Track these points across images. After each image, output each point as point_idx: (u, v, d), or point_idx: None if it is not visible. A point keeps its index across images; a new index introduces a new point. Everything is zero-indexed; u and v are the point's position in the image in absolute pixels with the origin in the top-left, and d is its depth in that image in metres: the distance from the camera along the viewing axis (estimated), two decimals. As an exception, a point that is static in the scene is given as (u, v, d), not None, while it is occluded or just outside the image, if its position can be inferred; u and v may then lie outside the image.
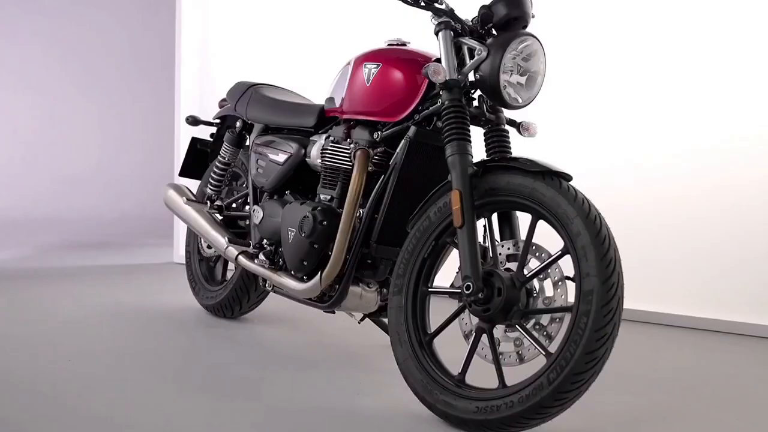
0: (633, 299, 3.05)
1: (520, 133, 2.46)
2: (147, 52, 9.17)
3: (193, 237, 3.64)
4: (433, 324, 2.32)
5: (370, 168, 2.51)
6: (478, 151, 2.33)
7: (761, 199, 3.60)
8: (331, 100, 2.75)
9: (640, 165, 3.87)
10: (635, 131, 3.90)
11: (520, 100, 2.29)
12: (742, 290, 3.64)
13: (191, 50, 5.44)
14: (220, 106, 3.59)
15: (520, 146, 2.52)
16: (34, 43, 9.01)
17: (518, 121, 2.46)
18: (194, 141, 3.71)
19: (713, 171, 3.70)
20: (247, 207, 3.28)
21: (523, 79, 2.27)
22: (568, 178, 2.10)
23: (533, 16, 2.44)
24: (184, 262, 3.85)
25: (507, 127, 2.42)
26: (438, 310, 2.35)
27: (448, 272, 2.35)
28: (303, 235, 2.57)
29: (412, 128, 2.41)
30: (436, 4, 2.35)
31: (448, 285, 2.25)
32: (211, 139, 3.65)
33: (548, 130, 2.67)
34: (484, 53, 2.24)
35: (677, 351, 3.32)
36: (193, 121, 3.56)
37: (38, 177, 8.84)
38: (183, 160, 3.73)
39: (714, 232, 3.70)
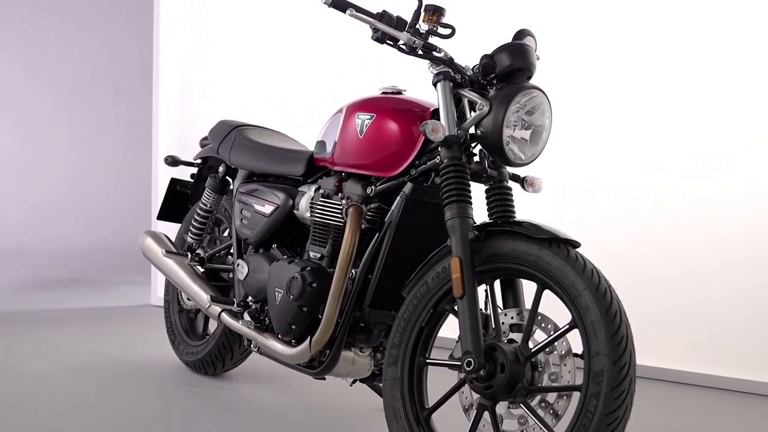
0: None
1: (524, 189, 2.46)
2: (126, 71, 9.16)
3: (172, 286, 3.63)
4: (431, 395, 2.31)
5: (363, 225, 2.51)
6: (479, 205, 2.34)
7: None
8: (321, 146, 2.75)
9: (648, 214, 3.87)
10: (642, 176, 3.90)
11: (524, 158, 2.29)
12: (754, 345, 3.63)
13: (171, 78, 5.44)
14: (201, 146, 3.59)
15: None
16: (5, 61, 9.01)
17: (522, 175, 2.46)
18: (173, 182, 3.70)
19: (720, 220, 3.70)
20: (230, 257, 3.27)
21: (527, 134, 2.28)
22: (575, 244, 2.10)
23: (538, 58, 2.46)
24: (162, 305, 3.84)
25: (510, 183, 2.41)
26: (436, 380, 2.34)
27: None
28: (291, 297, 2.57)
29: (409, 185, 2.41)
30: (435, 53, 2.36)
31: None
32: (192, 180, 3.64)
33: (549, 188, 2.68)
34: (486, 108, 2.24)
35: (685, 411, 3.32)
36: (173, 161, 3.56)
37: (5, 204, 8.82)
38: (162, 202, 3.72)
39: (721, 283, 3.69)
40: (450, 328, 2.30)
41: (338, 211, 2.57)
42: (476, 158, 2.41)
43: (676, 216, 3.77)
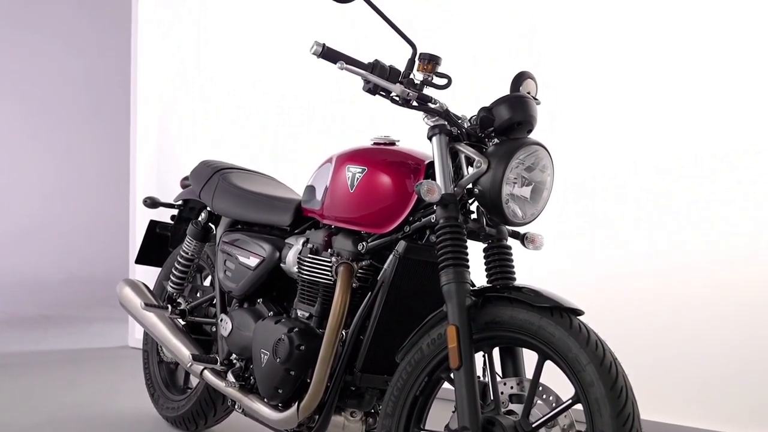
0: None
1: (525, 246, 2.47)
2: (102, 86, 9.15)
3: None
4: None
5: (354, 284, 2.51)
6: (477, 262, 2.34)
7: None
8: (310, 193, 2.75)
9: (644, 257, 3.88)
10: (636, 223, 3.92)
11: (524, 217, 2.29)
12: (753, 400, 3.63)
13: (150, 100, 5.46)
14: (182, 186, 3.59)
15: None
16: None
17: (522, 232, 2.46)
18: (153, 224, 3.70)
19: (717, 268, 3.71)
20: (213, 308, 3.26)
21: (527, 191, 2.28)
22: (578, 312, 2.10)
23: (538, 103, 2.47)
24: (140, 346, 3.83)
25: (510, 241, 2.42)
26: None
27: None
28: (278, 360, 2.56)
29: (402, 243, 2.41)
30: (430, 104, 2.36)
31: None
32: (172, 222, 3.64)
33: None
34: (484, 166, 2.25)
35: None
36: (152, 203, 3.57)
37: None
38: (140, 245, 3.72)
39: (719, 334, 3.69)
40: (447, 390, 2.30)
41: (327, 268, 2.57)
42: (474, 215, 2.41)
43: (672, 262, 3.78)
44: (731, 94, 3.67)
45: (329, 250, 2.60)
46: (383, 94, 2.38)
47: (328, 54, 2.33)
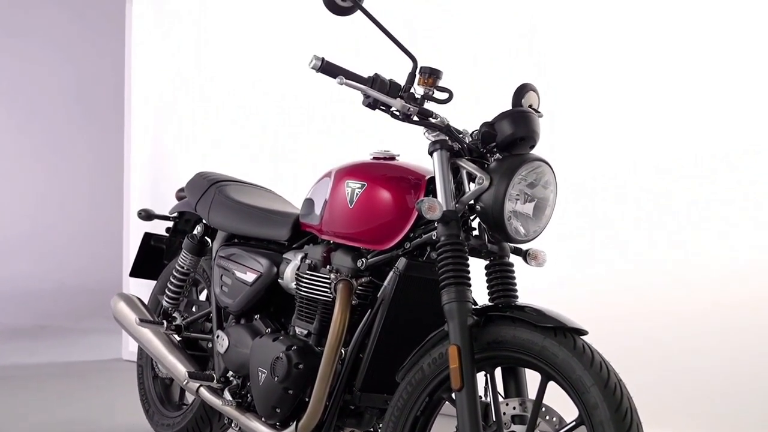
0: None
1: (527, 263, 2.46)
2: (96, 92, 9.15)
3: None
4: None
5: (353, 301, 2.50)
6: (478, 278, 2.34)
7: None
8: (308, 207, 2.75)
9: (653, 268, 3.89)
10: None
11: (527, 234, 2.29)
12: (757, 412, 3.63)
13: (145, 104, 5.47)
14: (178, 198, 3.60)
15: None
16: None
17: (524, 248, 2.46)
18: (147, 237, 3.70)
19: (725, 283, 3.71)
20: (209, 323, 3.26)
21: (530, 208, 2.28)
22: (582, 332, 2.10)
23: (540, 115, 2.47)
24: (134, 359, 3.82)
25: (512, 257, 2.42)
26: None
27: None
28: (276, 379, 2.56)
29: (402, 260, 2.41)
30: (431, 119, 2.36)
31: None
32: (167, 234, 3.64)
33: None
34: (486, 182, 2.24)
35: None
36: (146, 215, 3.56)
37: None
38: (135, 258, 3.72)
39: (725, 345, 3.69)
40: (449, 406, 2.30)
41: (326, 285, 2.57)
42: (475, 232, 2.41)
43: (674, 268, 3.78)
44: (731, 94, 3.68)
45: (328, 266, 2.60)
46: (383, 108, 2.38)
47: (327, 68, 2.33)
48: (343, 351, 2.50)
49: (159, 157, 5.44)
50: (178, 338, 3.32)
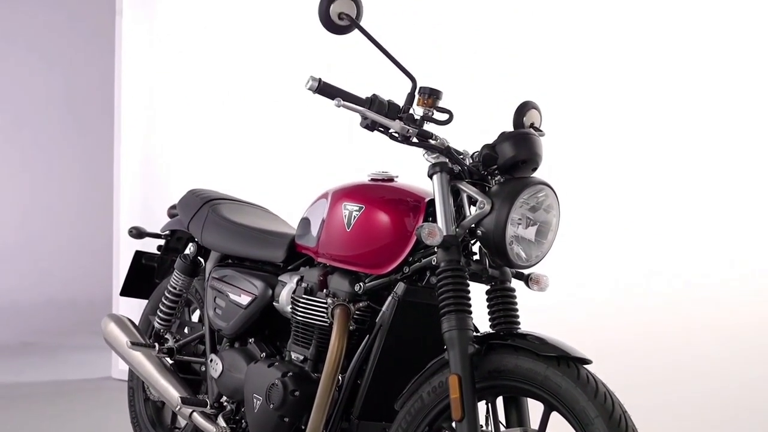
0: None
1: (529, 287, 2.46)
2: (85, 100, 9.13)
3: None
4: None
5: (351, 326, 2.50)
6: (479, 301, 2.34)
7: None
8: (304, 229, 2.75)
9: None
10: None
11: (529, 260, 2.30)
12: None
13: (135, 112, 5.47)
14: (170, 215, 3.59)
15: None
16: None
17: (526, 273, 2.46)
18: (138, 255, 3.69)
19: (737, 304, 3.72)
20: (202, 345, 3.26)
21: (532, 233, 2.29)
22: (586, 362, 2.11)
23: (543, 134, 2.48)
24: (124, 377, 3.81)
25: (514, 281, 2.42)
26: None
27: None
28: (271, 406, 2.56)
29: (401, 285, 2.41)
30: (431, 141, 2.36)
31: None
32: (158, 252, 3.64)
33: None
34: (488, 207, 2.25)
35: None
36: (137, 233, 3.56)
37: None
38: (125, 276, 3.71)
39: (729, 370, 3.70)
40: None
41: (323, 309, 2.56)
42: (476, 256, 2.41)
43: (680, 300, 3.79)
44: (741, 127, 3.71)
45: (324, 290, 2.60)
46: (381, 130, 2.38)
47: (324, 89, 2.34)
48: (340, 378, 2.49)
49: (149, 170, 5.44)
50: (171, 361, 3.31)
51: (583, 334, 2.54)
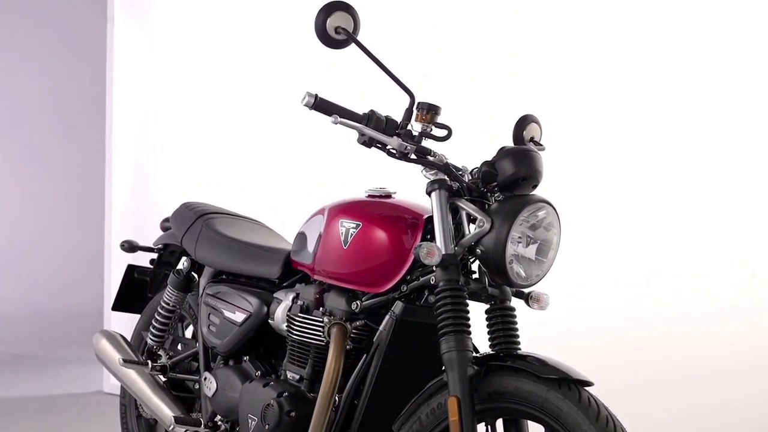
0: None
1: (529, 306, 2.46)
2: (75, 105, 9.12)
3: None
4: None
5: (348, 345, 2.50)
6: (478, 319, 2.34)
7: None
8: (301, 244, 2.74)
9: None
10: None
11: (529, 279, 2.30)
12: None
13: (128, 117, 5.47)
14: (162, 228, 3.59)
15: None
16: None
17: (526, 291, 2.46)
18: (130, 269, 3.69)
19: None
20: (195, 363, 3.25)
21: (532, 251, 2.29)
22: (588, 384, 2.11)
23: (543, 148, 2.48)
24: (116, 392, 3.81)
25: (514, 300, 2.42)
26: None
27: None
28: (267, 427, 2.56)
29: (399, 304, 2.41)
30: (429, 157, 2.36)
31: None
32: (151, 266, 3.63)
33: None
34: (487, 225, 2.25)
35: None
36: (130, 247, 3.56)
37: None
38: (117, 291, 3.71)
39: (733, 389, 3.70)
40: None
41: (319, 328, 2.56)
42: (475, 275, 2.41)
43: (682, 319, 3.80)
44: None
45: (321, 308, 2.60)
46: (379, 146, 2.38)
47: (321, 105, 2.34)
48: (337, 398, 2.49)
49: (142, 181, 5.44)
50: (164, 378, 3.31)
51: (582, 347, 2.53)
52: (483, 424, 2.25)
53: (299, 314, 2.64)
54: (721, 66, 3.78)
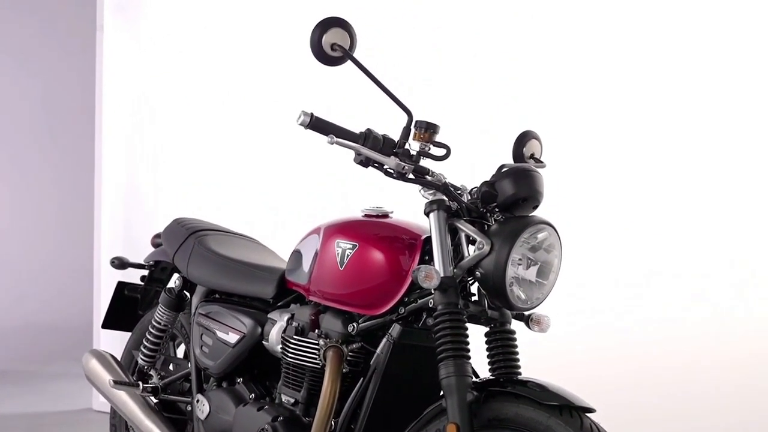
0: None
1: (529, 327, 2.46)
2: (64, 109, 9.09)
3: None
4: None
5: (344, 368, 2.50)
6: (477, 340, 2.34)
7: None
8: (296, 263, 2.74)
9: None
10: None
11: (529, 302, 2.30)
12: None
13: (118, 120, 5.47)
14: (153, 245, 3.59)
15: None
16: None
17: (527, 314, 2.46)
18: (121, 286, 3.69)
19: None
20: (187, 384, 3.25)
21: (533, 273, 2.29)
22: (590, 410, 2.11)
23: (544, 165, 2.48)
24: (105, 409, 3.80)
25: (514, 323, 2.42)
26: None
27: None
28: (261, 452, 2.56)
29: (396, 327, 2.41)
30: (427, 177, 2.36)
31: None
32: (142, 283, 3.63)
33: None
34: (487, 247, 2.25)
35: None
36: (120, 264, 3.56)
37: None
38: (107, 308, 3.71)
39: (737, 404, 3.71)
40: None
41: (314, 351, 2.56)
42: (474, 297, 2.41)
43: (686, 340, 3.80)
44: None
45: (316, 330, 2.59)
46: (376, 166, 2.38)
47: (317, 125, 2.33)
48: (333, 422, 2.49)
49: (132, 194, 5.43)
50: (155, 400, 3.30)
51: (582, 361, 2.53)
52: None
53: (294, 336, 2.63)
54: (720, 66, 3.80)
